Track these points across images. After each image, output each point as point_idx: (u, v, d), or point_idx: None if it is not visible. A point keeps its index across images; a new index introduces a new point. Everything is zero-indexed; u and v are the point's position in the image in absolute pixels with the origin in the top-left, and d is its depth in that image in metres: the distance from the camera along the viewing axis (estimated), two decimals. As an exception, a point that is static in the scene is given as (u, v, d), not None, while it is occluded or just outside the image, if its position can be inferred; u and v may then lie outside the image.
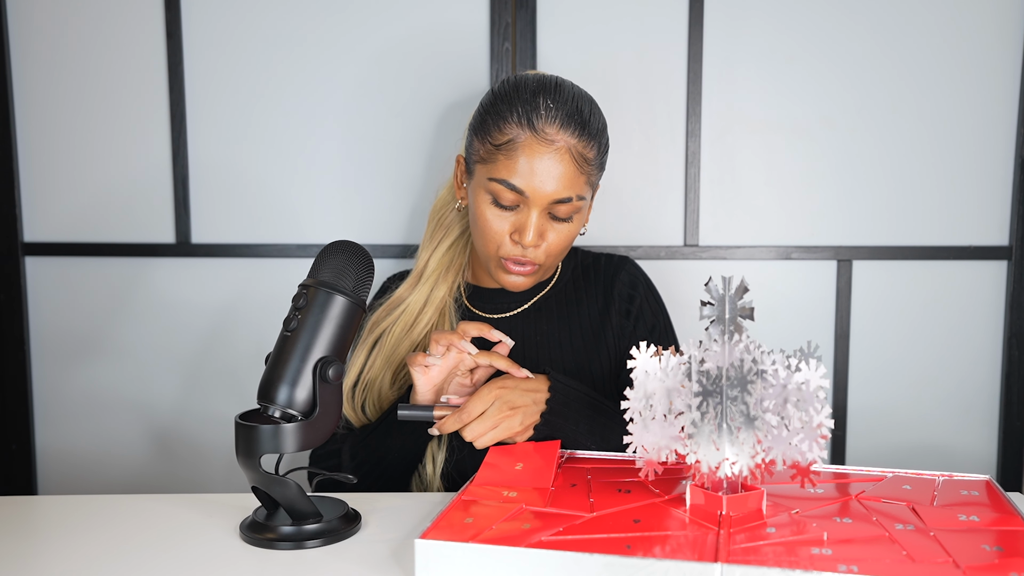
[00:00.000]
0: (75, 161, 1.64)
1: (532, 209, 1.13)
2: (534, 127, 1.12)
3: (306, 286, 0.93)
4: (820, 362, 0.82)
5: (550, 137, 1.12)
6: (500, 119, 1.14)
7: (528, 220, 1.13)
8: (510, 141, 1.12)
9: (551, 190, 1.12)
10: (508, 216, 1.15)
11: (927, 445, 1.68)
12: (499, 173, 1.13)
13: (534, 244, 1.14)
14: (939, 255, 1.64)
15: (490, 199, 1.15)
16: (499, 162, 1.13)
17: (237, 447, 0.90)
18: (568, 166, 1.12)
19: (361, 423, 1.24)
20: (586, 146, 1.14)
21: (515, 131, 1.12)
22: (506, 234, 1.15)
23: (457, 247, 1.29)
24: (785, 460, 0.82)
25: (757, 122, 1.62)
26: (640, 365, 0.89)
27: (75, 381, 1.68)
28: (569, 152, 1.12)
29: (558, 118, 1.12)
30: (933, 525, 0.83)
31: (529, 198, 1.12)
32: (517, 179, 1.12)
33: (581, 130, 1.13)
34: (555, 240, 1.16)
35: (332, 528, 0.91)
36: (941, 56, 1.60)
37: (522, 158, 1.12)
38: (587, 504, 0.90)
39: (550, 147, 1.12)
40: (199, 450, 1.69)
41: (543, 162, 1.11)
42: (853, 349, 1.67)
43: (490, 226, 1.16)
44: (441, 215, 1.30)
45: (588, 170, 1.15)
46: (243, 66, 1.61)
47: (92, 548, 0.88)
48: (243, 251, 1.64)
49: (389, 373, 1.24)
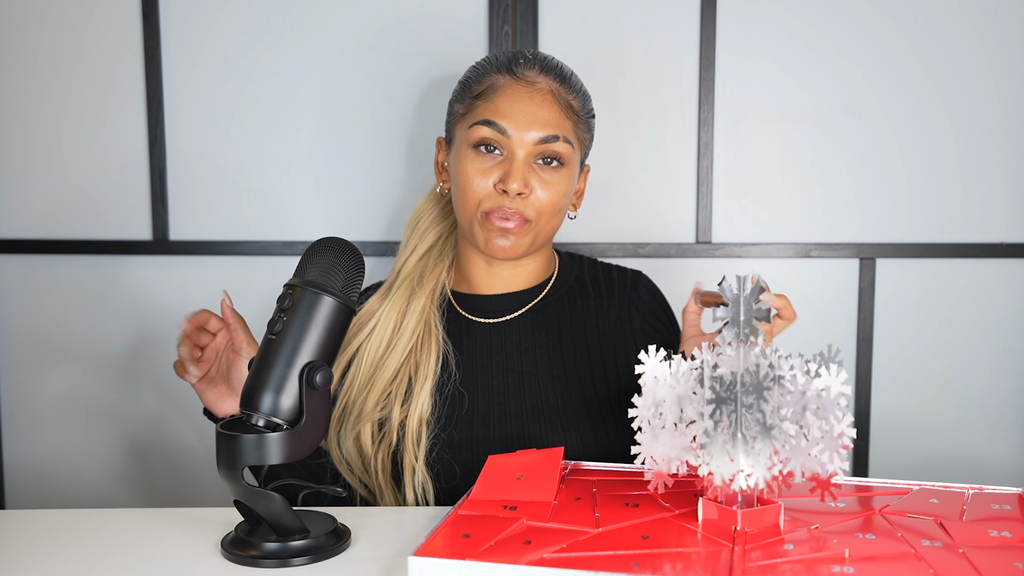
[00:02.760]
0: (45, 152, 1.64)
1: (517, 151, 1.15)
2: (513, 72, 1.18)
3: (292, 286, 0.93)
4: (841, 367, 0.82)
5: (531, 79, 1.17)
6: (479, 74, 1.20)
7: (513, 164, 1.15)
8: (490, 86, 1.18)
9: (536, 128, 1.15)
10: (492, 167, 1.17)
11: (956, 455, 1.68)
12: (480, 116, 1.17)
13: (520, 191, 1.15)
14: (968, 253, 1.64)
15: (472, 151, 1.17)
16: (479, 107, 1.17)
17: (218, 458, 0.90)
18: (552, 106, 1.16)
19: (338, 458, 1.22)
20: (569, 93, 1.19)
21: (494, 77, 1.18)
22: (490, 185, 1.16)
23: (433, 253, 1.29)
24: (804, 472, 0.82)
25: (774, 110, 1.62)
26: (649, 370, 0.89)
27: (46, 387, 1.68)
28: (552, 94, 1.17)
29: (537, 65, 1.18)
30: (962, 541, 0.83)
31: (512, 139, 1.15)
32: (499, 117, 1.15)
33: (563, 79, 1.19)
34: (544, 196, 1.17)
35: (320, 545, 0.91)
36: (970, 40, 1.60)
37: (503, 98, 1.16)
38: (592, 519, 0.90)
39: (531, 87, 1.17)
40: (178, 461, 1.68)
41: (524, 101, 1.16)
42: (876, 353, 1.67)
43: (472, 180, 1.17)
44: (417, 223, 1.31)
45: (574, 118, 1.18)
46: (226, 50, 1.61)
47: (63, 566, 0.88)
48: (225, 248, 1.64)
49: (372, 397, 1.20)
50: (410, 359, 1.21)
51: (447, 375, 1.21)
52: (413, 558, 0.80)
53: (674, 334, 1.31)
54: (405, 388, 1.20)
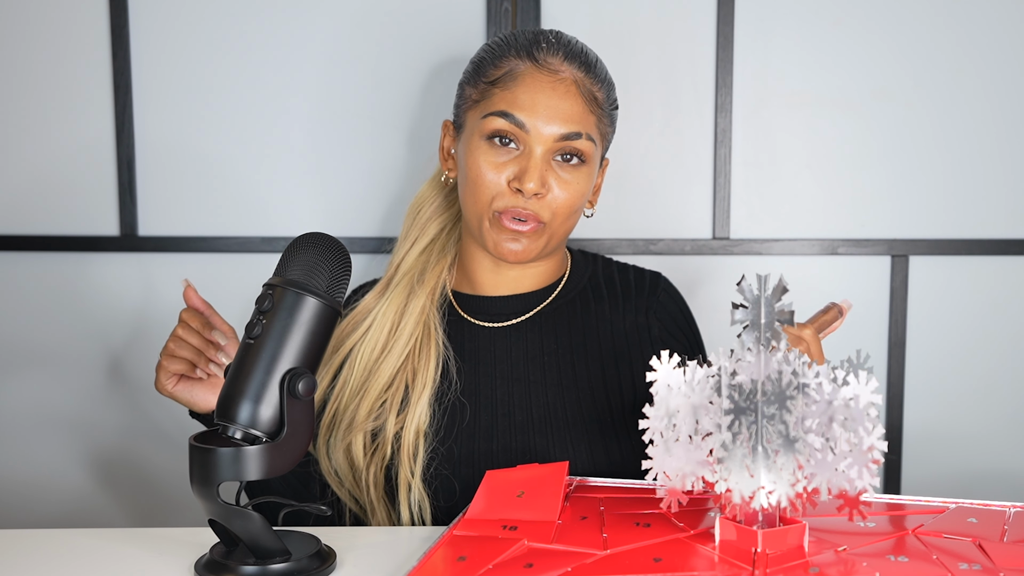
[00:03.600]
0: (2, 140, 1.64)
1: (535, 147, 1.14)
2: (535, 57, 1.16)
3: (272, 286, 0.93)
4: (871, 374, 0.82)
5: (553, 67, 1.15)
6: (495, 56, 1.18)
7: (530, 162, 1.14)
8: (508, 72, 1.16)
9: (557, 123, 1.14)
10: (506, 161, 1.16)
11: (996, 471, 1.68)
12: (496, 106, 1.15)
13: (536, 191, 1.14)
14: (1008, 249, 1.64)
15: (485, 143, 1.16)
16: (495, 96, 1.16)
17: (192, 474, 0.90)
18: (575, 99, 1.15)
19: (327, 469, 1.22)
20: (594, 84, 1.17)
21: (513, 63, 1.16)
22: (503, 182, 1.15)
23: (435, 248, 1.29)
24: (831, 489, 0.82)
25: (797, 95, 1.62)
26: (661, 378, 0.89)
27: (4, 396, 1.68)
28: (576, 84, 1.15)
29: (560, 51, 1.16)
30: (1003, 565, 0.83)
31: (531, 133, 1.14)
32: (517, 109, 1.14)
33: (588, 68, 1.17)
34: (561, 196, 1.16)
35: (302, 568, 0.91)
36: (1011, 19, 1.60)
37: (522, 88, 1.15)
38: (600, 540, 0.90)
39: (554, 76, 1.15)
40: (148, 477, 1.68)
41: (546, 92, 1.14)
42: (909, 359, 1.67)
43: (484, 176, 1.16)
44: (418, 212, 1.31)
45: (598, 112, 1.17)
46: (202, 27, 1.61)
47: (22, 591, 0.88)
48: (198, 245, 1.64)
49: (364, 405, 1.20)
50: (407, 365, 1.21)
51: (447, 383, 1.21)
52: (404, 583, 0.80)
53: (695, 343, 1.30)
54: (401, 396, 1.20)
